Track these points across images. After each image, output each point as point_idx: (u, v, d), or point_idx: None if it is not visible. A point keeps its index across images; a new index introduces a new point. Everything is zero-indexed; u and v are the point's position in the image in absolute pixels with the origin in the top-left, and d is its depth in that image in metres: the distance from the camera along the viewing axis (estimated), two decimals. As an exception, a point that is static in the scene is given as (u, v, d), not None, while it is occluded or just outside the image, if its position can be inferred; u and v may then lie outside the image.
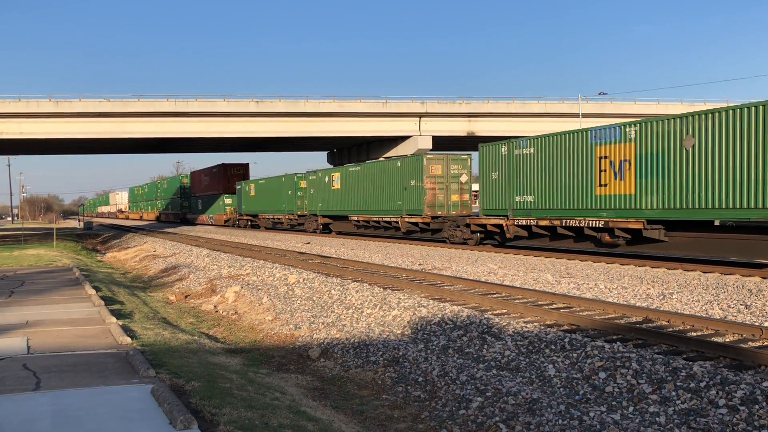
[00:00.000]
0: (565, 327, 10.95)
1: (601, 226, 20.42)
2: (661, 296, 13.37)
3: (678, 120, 18.27)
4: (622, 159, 19.95)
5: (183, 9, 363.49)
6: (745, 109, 16.39)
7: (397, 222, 33.40)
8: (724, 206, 16.87)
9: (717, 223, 17.79)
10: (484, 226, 26.20)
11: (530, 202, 23.82)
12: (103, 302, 14.13)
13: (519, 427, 7.67)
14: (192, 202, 74.11)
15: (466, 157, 31.73)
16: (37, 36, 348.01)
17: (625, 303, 12.77)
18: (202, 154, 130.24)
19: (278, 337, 13.54)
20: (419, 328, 11.96)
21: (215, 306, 17.63)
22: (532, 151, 23.77)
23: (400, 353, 10.81)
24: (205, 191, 68.39)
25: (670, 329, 10.52)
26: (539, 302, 13.31)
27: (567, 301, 13.06)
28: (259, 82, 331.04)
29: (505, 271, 18.44)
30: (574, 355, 9.34)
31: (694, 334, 10.19)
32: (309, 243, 33.94)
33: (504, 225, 24.79)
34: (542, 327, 10.85)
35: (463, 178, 31.17)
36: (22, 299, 14.99)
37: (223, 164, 64.13)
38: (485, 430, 7.86)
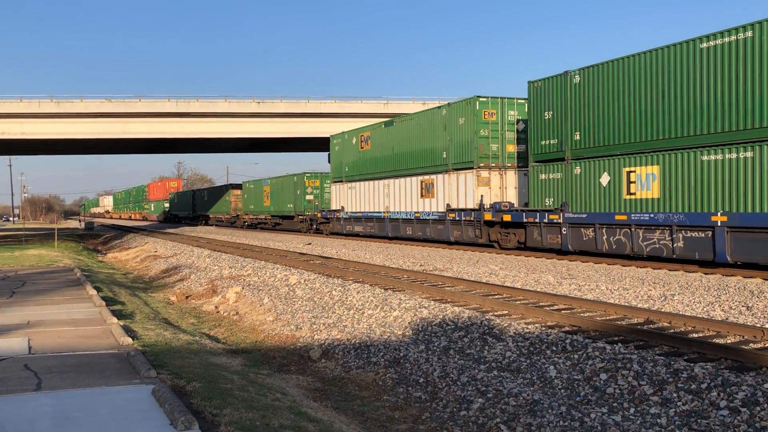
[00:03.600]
0: (567, 328, 10.95)
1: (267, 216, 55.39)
2: (663, 297, 13.36)
3: (293, 177, 48.40)
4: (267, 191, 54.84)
5: (184, 9, 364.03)
6: (287, 177, 50.31)
7: (222, 218, 67.14)
8: (276, 210, 52.00)
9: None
10: (244, 219, 60.09)
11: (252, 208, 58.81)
12: (104, 303, 14.14)
13: (520, 429, 7.67)
14: (148, 205, 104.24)
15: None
16: (38, 36, 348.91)
17: (626, 304, 12.76)
18: (203, 154, 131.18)
19: (279, 338, 13.55)
20: (420, 329, 11.95)
21: (216, 307, 17.63)
22: (269, 183, 53.43)
23: (401, 354, 10.81)
24: (155, 198, 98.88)
25: (672, 331, 10.51)
26: (540, 303, 13.30)
27: (568, 302, 13.05)
28: (261, 82, 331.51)
29: (506, 272, 18.43)
30: (576, 356, 9.34)
31: (695, 335, 10.19)
32: (310, 244, 33.97)
33: (248, 218, 58.56)
34: (543, 328, 10.85)
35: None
36: (23, 299, 15.01)
37: (165, 179, 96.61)
38: (486, 431, 7.86)
